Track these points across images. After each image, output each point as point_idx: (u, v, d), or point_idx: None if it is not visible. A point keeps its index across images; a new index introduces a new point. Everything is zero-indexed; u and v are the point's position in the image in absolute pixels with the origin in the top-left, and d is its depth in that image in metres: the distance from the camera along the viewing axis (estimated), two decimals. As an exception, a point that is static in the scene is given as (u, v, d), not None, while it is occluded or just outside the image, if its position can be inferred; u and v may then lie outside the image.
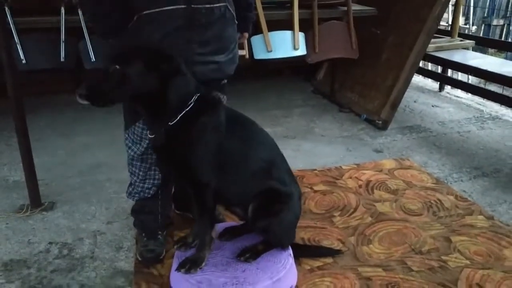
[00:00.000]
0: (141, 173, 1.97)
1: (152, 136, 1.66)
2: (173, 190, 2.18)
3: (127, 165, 2.00)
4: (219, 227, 1.98)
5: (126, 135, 1.94)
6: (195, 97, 1.61)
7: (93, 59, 3.15)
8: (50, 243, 2.14)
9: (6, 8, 2.70)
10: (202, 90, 1.65)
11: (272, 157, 1.78)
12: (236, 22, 1.91)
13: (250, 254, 1.77)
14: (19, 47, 3.02)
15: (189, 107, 1.60)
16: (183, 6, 1.68)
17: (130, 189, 2.04)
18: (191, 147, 1.61)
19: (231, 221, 2.13)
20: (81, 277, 1.91)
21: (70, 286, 1.86)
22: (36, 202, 2.43)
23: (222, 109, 1.69)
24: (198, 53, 1.76)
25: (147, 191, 1.99)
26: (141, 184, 1.99)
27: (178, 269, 1.69)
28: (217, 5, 1.75)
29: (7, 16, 2.76)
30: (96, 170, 2.85)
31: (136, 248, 2.05)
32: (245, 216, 1.81)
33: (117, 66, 1.47)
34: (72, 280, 1.89)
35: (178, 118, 1.58)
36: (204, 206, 1.71)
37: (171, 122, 1.59)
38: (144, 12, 1.67)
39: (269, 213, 1.73)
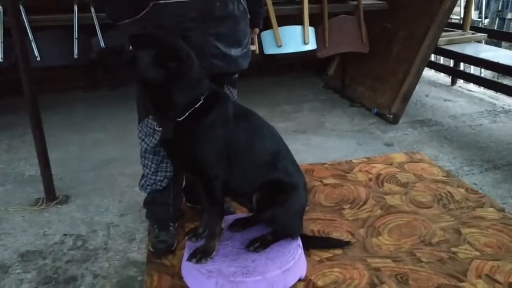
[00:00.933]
0: (153, 165, 2.00)
1: (160, 129, 1.69)
2: (184, 183, 2.21)
3: (140, 158, 2.03)
4: (230, 218, 2.01)
5: (140, 128, 1.97)
6: (205, 94, 1.63)
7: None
8: (65, 235, 2.19)
9: (21, 6, 2.75)
10: (212, 87, 1.67)
11: (276, 148, 1.80)
12: (249, 16, 1.93)
13: (259, 244, 1.80)
14: (33, 44, 3.08)
15: (198, 104, 1.62)
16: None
17: (143, 181, 2.08)
18: (199, 142, 1.64)
19: (241, 213, 2.16)
20: (94, 267, 1.96)
21: (84, 276, 1.91)
22: (51, 195, 2.49)
23: (231, 105, 1.71)
24: (215, 45, 1.78)
25: (159, 183, 2.02)
26: (153, 177, 2.02)
27: (189, 259, 1.73)
28: None
29: (21, 14, 2.82)
30: (109, 164, 2.90)
31: (148, 239, 2.09)
32: (252, 207, 1.83)
33: (131, 47, 1.50)
34: (86, 270, 1.94)
35: (187, 114, 1.61)
36: (213, 198, 1.74)
37: (179, 118, 1.61)
38: (160, 1, 1.68)
39: (273, 203, 1.76)
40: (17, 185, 2.67)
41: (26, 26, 3.00)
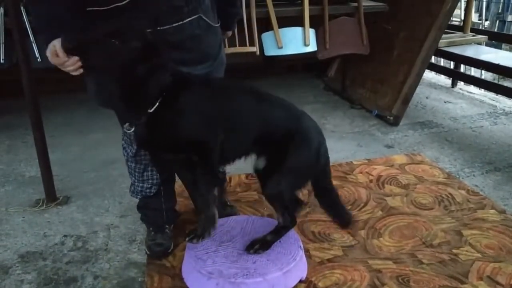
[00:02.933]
0: (136, 174, 1.98)
1: (131, 131, 1.63)
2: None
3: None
4: (230, 220, 2.01)
5: (122, 136, 1.95)
6: (171, 82, 1.57)
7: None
8: (65, 236, 2.19)
9: (22, 8, 2.75)
10: (178, 70, 1.62)
11: (261, 99, 1.74)
12: (218, 22, 1.86)
13: (259, 245, 1.80)
14: (34, 45, 3.08)
15: (167, 91, 1.56)
16: (148, 30, 1.59)
17: (132, 188, 2.06)
18: (180, 121, 1.58)
19: (246, 215, 2.16)
20: (95, 268, 1.96)
21: (85, 277, 1.90)
22: (52, 196, 2.48)
23: (200, 85, 1.65)
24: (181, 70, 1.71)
25: (147, 190, 2.01)
26: (140, 184, 2.00)
27: (189, 240, 1.71)
28: (188, 19, 1.68)
29: (22, 15, 2.82)
30: (109, 165, 2.90)
31: (144, 241, 2.08)
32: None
33: (115, 41, 1.45)
34: (87, 271, 1.93)
35: (158, 104, 1.55)
36: (208, 164, 1.68)
37: (150, 110, 1.55)
38: None
39: (281, 156, 1.71)
40: (17, 186, 2.67)
41: (27, 27, 3.01)
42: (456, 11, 4.59)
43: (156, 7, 1.62)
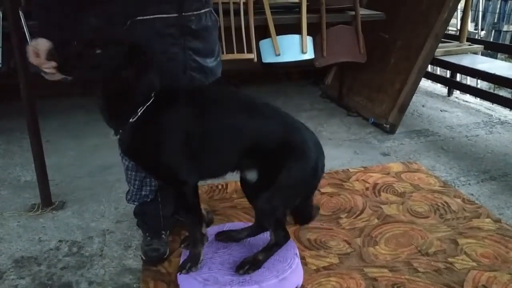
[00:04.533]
0: (137, 182, 1.98)
1: (117, 137, 1.64)
2: None
3: (124, 174, 2.01)
4: (215, 229, 2.00)
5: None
6: (155, 92, 1.57)
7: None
8: (60, 241, 2.18)
9: (20, 12, 2.75)
10: (162, 84, 1.62)
11: (254, 112, 1.70)
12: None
13: (249, 266, 1.74)
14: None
15: (150, 102, 1.56)
16: (175, 15, 1.68)
17: (129, 196, 2.06)
18: (157, 145, 1.57)
19: (229, 222, 2.16)
20: (90, 274, 1.95)
21: (79, 283, 1.89)
22: (47, 201, 2.47)
23: (185, 99, 1.62)
24: (193, 59, 1.76)
25: (144, 197, 2.00)
26: (138, 192, 2.00)
27: (179, 271, 1.71)
28: (203, 10, 1.77)
29: (21, 20, 2.81)
30: (105, 171, 2.89)
31: (140, 247, 2.07)
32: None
33: (98, 50, 1.46)
34: (81, 277, 1.92)
35: (139, 114, 1.55)
36: (186, 204, 1.69)
37: (132, 119, 1.55)
38: (138, 18, 1.66)
39: (275, 168, 1.64)
40: (12, 191, 2.66)
41: (25, 31, 3.00)
42: (453, 21, 4.62)
43: None
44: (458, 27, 4.89)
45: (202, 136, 1.60)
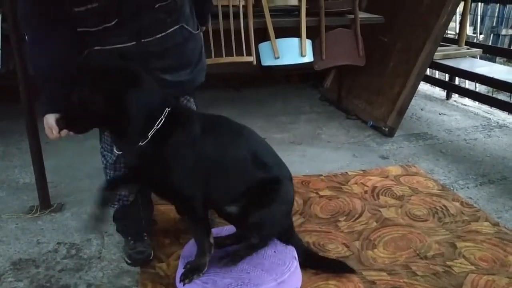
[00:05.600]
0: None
1: (120, 153, 1.64)
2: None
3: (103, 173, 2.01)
4: (224, 230, 2.00)
5: (101, 144, 1.95)
6: (165, 112, 1.55)
7: None
8: (59, 243, 2.17)
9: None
10: (172, 102, 1.62)
11: (251, 149, 1.74)
12: (198, 29, 1.91)
13: (231, 258, 1.76)
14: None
15: (160, 123, 1.54)
16: (133, 43, 1.65)
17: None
18: (168, 168, 1.57)
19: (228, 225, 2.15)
20: (88, 276, 1.94)
21: (78, 285, 1.89)
22: (46, 203, 2.47)
23: (196, 120, 1.65)
24: (161, 78, 1.74)
25: (124, 198, 1.98)
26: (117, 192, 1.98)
27: (182, 280, 1.69)
28: (171, 30, 1.71)
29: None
30: (104, 173, 2.89)
31: (124, 251, 2.05)
32: (236, 217, 1.78)
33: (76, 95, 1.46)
34: (80, 280, 1.92)
35: (149, 137, 1.53)
36: (195, 217, 1.70)
37: (142, 142, 1.54)
38: (95, 48, 1.66)
39: (259, 206, 1.71)
40: (11, 193, 2.66)
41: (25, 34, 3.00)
42: (451, 24, 4.64)
43: (140, 23, 1.64)
44: (457, 31, 4.91)
45: (209, 159, 1.63)
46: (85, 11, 1.55)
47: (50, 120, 1.61)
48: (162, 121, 1.55)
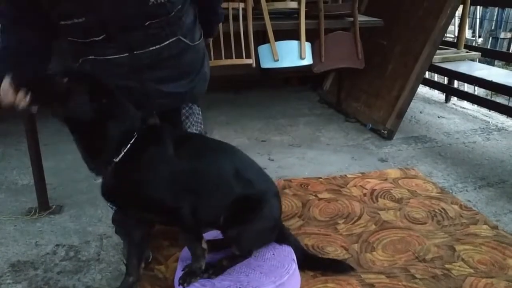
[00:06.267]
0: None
1: (98, 181, 1.60)
2: None
3: None
4: (208, 234, 1.98)
5: None
6: (138, 129, 1.56)
7: None
8: (57, 245, 2.17)
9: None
10: (146, 121, 1.60)
11: (234, 163, 1.73)
12: (200, 38, 1.86)
13: (213, 270, 1.74)
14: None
15: (133, 139, 1.54)
16: (126, 54, 1.63)
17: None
18: (145, 180, 1.56)
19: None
20: (86, 278, 1.94)
21: (76, 287, 1.88)
22: (44, 205, 2.47)
23: (169, 135, 1.63)
24: (156, 89, 1.72)
25: None
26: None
27: (181, 284, 1.68)
28: (166, 42, 1.67)
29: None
30: (103, 175, 2.89)
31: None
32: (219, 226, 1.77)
33: (65, 79, 1.43)
34: (78, 282, 1.92)
35: (123, 153, 1.52)
36: (185, 226, 1.68)
37: (116, 159, 1.52)
38: (90, 57, 1.65)
39: (240, 221, 1.69)
40: (9, 194, 2.65)
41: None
42: (450, 28, 4.65)
43: (130, 38, 1.62)
44: (456, 34, 4.92)
45: (188, 175, 1.60)
46: (72, 24, 1.54)
47: (4, 83, 1.43)
48: (135, 137, 1.54)
